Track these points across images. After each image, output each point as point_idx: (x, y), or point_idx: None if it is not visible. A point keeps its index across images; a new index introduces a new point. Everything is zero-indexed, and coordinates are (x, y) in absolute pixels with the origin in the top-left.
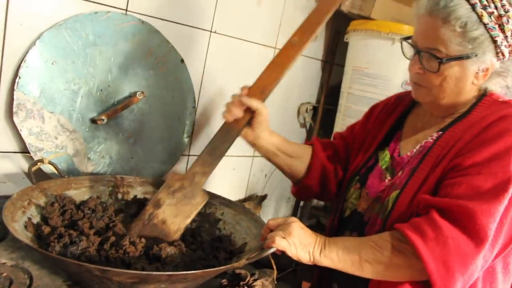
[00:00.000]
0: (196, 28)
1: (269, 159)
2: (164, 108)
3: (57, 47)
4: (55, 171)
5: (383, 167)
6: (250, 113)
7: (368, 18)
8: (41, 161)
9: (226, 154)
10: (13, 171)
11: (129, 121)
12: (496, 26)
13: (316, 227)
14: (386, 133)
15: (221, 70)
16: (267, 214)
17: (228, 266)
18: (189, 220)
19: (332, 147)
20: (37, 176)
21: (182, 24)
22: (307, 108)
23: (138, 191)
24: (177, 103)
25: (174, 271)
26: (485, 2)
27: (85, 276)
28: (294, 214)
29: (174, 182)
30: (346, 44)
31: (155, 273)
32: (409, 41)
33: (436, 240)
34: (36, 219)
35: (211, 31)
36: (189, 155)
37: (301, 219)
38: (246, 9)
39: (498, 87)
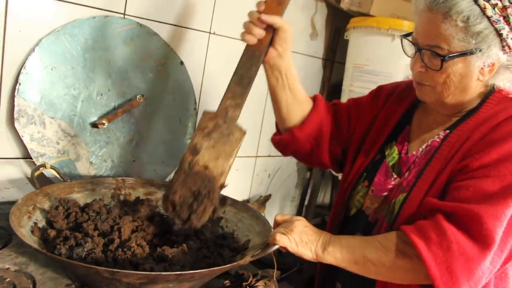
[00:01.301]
0: (195, 29)
1: (273, 89)
2: (164, 111)
3: (56, 52)
4: (58, 176)
5: (390, 163)
6: (272, 30)
7: (367, 15)
8: (44, 166)
9: None
10: (16, 176)
11: (130, 125)
12: (501, 19)
13: (321, 226)
14: (395, 125)
15: (221, 71)
16: (271, 214)
17: (234, 264)
18: (232, 160)
19: (333, 112)
20: (39, 181)
21: (180, 26)
22: None
23: (139, 192)
24: (178, 105)
25: (181, 270)
26: None
27: (94, 278)
28: (298, 213)
29: (207, 122)
30: (346, 42)
31: (163, 273)
32: (409, 38)
33: (440, 244)
34: (42, 223)
35: (210, 33)
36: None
37: (305, 218)
38: (244, 9)
39: (507, 82)
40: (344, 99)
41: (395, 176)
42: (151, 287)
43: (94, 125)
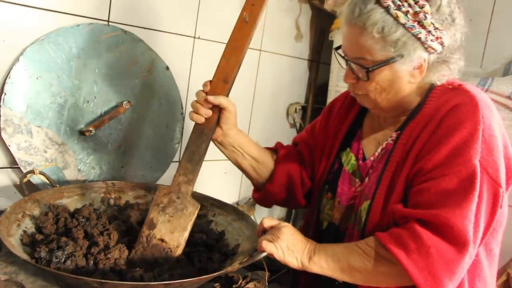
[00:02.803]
0: (180, 34)
1: (234, 160)
2: (151, 116)
3: (41, 61)
4: (47, 181)
5: (350, 171)
6: (219, 109)
7: None
8: (32, 172)
9: (216, 158)
10: (4, 185)
11: (117, 131)
12: (415, 24)
13: None
14: (347, 132)
15: (207, 75)
16: (261, 216)
17: (222, 271)
18: (187, 233)
19: (296, 154)
20: (28, 188)
21: (165, 31)
22: (296, 108)
23: (129, 196)
24: (165, 111)
25: (170, 277)
26: (399, 2)
27: (83, 287)
28: (288, 215)
29: (162, 198)
30: (331, 43)
31: (152, 283)
32: (340, 51)
33: (419, 251)
34: (31, 230)
35: (194, 37)
36: (179, 162)
37: (295, 220)
38: (228, 13)
39: (443, 78)
40: (330, 99)
41: (358, 182)
42: None
43: (81, 132)
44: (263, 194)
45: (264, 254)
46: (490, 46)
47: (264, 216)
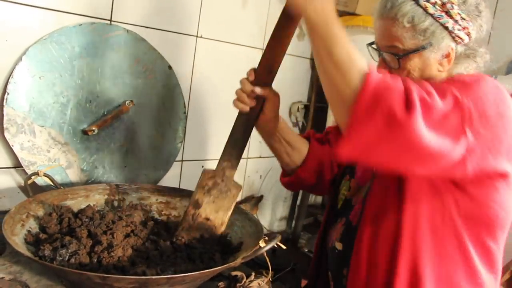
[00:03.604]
0: (182, 34)
1: (271, 145)
2: (154, 116)
3: (43, 61)
4: (51, 183)
5: None
6: (263, 98)
7: (353, 14)
8: (37, 174)
9: (218, 157)
10: (8, 186)
11: (120, 130)
12: (443, 14)
13: (314, 226)
14: None
15: (209, 74)
16: (264, 215)
17: (225, 266)
18: (230, 212)
19: (327, 142)
20: (32, 189)
21: (167, 30)
22: (298, 107)
23: (133, 198)
24: (167, 110)
25: (172, 274)
26: None
27: (86, 283)
28: (291, 213)
29: (207, 181)
30: None
31: (154, 277)
32: (374, 46)
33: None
34: (35, 230)
35: (197, 36)
36: (182, 161)
37: (298, 218)
38: (231, 12)
39: (470, 70)
40: None
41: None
42: None
43: (84, 132)
44: (294, 178)
45: (267, 248)
46: (493, 44)
47: (266, 214)
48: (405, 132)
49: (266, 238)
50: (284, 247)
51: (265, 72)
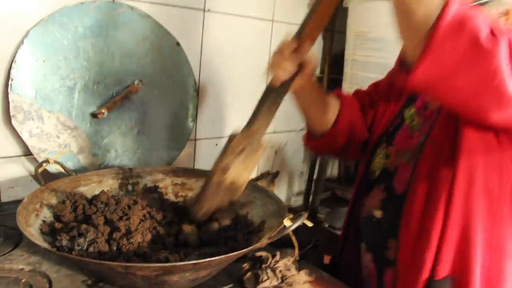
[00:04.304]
0: (189, 8)
1: (302, 110)
2: (164, 95)
3: (46, 44)
4: (62, 170)
5: (410, 124)
6: (300, 64)
7: None
8: (47, 161)
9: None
10: (20, 174)
11: (130, 112)
12: None
13: (331, 200)
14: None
15: (219, 49)
16: (281, 191)
17: (251, 247)
18: (253, 170)
19: (358, 104)
20: (44, 177)
21: (173, 5)
22: None
23: (147, 180)
24: (178, 88)
25: (196, 257)
26: None
27: (108, 272)
28: (308, 188)
29: (237, 144)
30: (345, 10)
31: (179, 263)
32: None
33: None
34: (50, 220)
35: (204, 10)
36: (195, 139)
37: (316, 193)
38: None
39: None
40: (347, 69)
41: (417, 133)
42: (167, 278)
43: (94, 115)
44: (324, 139)
45: (292, 227)
46: None
47: (283, 190)
48: (489, 59)
49: (291, 216)
50: (310, 224)
51: (307, 38)
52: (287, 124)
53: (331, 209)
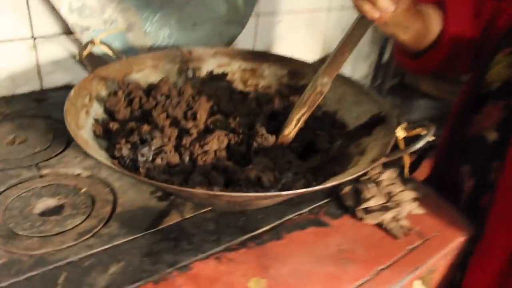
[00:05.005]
0: None
1: (397, 36)
2: None
3: None
4: (110, 52)
5: None
6: None
7: None
8: (92, 42)
9: (297, 10)
10: (60, 57)
11: None
12: None
13: (400, 86)
14: None
15: None
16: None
17: (352, 176)
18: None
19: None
20: (89, 62)
21: None
22: None
23: (211, 65)
24: None
25: (294, 177)
26: None
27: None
28: (375, 73)
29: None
30: None
31: (284, 193)
32: None
33: None
34: (102, 118)
35: None
36: (259, 14)
37: (384, 80)
38: None
39: None
40: None
41: None
42: (257, 202)
43: None
44: (429, 55)
45: (415, 147)
46: None
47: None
48: None
49: (405, 126)
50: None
51: None
52: None
53: (402, 100)
